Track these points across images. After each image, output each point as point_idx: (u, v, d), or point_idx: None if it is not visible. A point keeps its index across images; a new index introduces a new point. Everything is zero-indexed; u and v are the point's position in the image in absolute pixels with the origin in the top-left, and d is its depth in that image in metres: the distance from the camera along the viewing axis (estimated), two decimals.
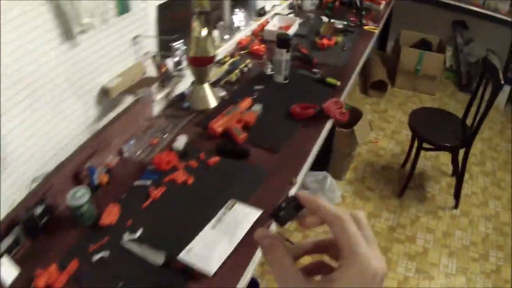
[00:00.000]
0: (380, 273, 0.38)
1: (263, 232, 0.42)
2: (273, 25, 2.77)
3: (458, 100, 4.03)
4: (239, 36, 2.55)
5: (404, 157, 3.14)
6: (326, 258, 0.45)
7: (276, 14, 2.95)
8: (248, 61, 2.33)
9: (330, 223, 0.40)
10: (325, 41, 2.54)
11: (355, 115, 3.07)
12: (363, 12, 2.95)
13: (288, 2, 3.17)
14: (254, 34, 2.68)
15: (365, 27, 2.94)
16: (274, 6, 3.01)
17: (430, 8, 3.97)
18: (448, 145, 2.61)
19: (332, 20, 2.99)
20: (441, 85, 4.20)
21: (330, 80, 2.14)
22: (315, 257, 0.47)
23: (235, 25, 2.53)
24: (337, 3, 3.35)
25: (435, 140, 2.63)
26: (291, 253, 0.42)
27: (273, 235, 0.42)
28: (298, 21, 2.87)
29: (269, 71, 2.22)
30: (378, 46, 4.77)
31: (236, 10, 2.56)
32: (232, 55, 2.38)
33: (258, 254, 1.27)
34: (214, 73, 2.23)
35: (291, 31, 2.70)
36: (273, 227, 0.99)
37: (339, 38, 2.66)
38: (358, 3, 2.97)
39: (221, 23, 2.44)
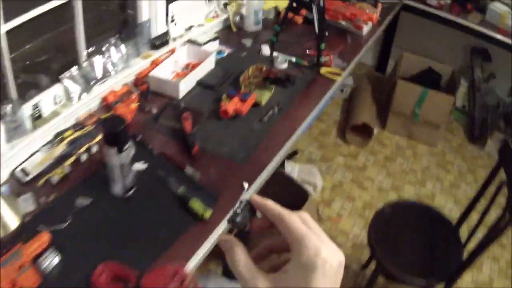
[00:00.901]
0: (332, 260, 0.40)
1: (224, 237, 0.45)
2: (174, 63, 1.82)
3: (465, 157, 3.00)
4: (104, 88, 1.61)
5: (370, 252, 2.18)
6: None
7: (189, 41, 1.98)
8: (98, 139, 1.41)
9: (277, 222, 0.43)
10: (233, 104, 1.57)
11: (299, 196, 2.11)
12: (322, 46, 1.93)
13: (219, 20, 2.18)
14: (138, 81, 1.73)
15: (323, 70, 1.94)
16: (190, 28, 2.02)
17: (445, 29, 2.89)
18: (419, 283, 1.65)
19: (275, 54, 2.00)
20: (447, 131, 3.15)
21: (195, 205, 1.20)
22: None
23: (98, 71, 1.59)
24: (298, 19, 2.34)
25: (399, 272, 1.66)
26: (250, 254, 0.44)
27: (232, 239, 0.44)
28: (215, 55, 1.89)
29: None
30: (376, 66, 3.72)
31: (108, 45, 1.61)
32: (80, 126, 1.47)
33: None
34: (41, 159, 1.34)
35: (194, 76, 1.74)
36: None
37: (266, 95, 1.69)
38: (315, 24, 1.91)
39: (72, 71, 1.51)
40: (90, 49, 1.59)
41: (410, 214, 1.89)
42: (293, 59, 1.97)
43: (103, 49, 1.64)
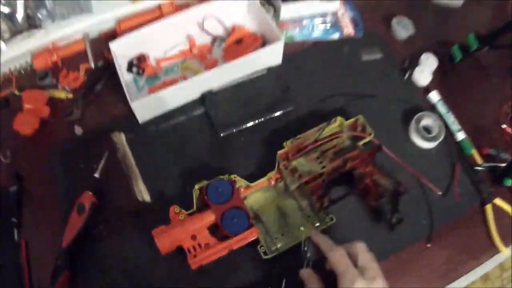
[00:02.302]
0: None
1: (303, 270, 0.57)
2: (205, 18, 0.85)
3: None
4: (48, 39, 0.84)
5: None
6: None
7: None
8: None
9: (326, 256, 0.53)
10: (182, 233, 0.64)
11: None
12: None
13: None
14: (120, 32, 0.86)
15: (495, 203, 0.77)
16: None
17: None
18: None
19: (433, 97, 0.85)
20: None
21: None
22: None
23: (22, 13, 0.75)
24: None
25: None
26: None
27: (309, 272, 0.56)
28: (305, 33, 0.84)
29: None
30: None
31: None
32: None
33: None
34: None
35: (205, 79, 0.79)
36: None
37: (297, 236, 0.68)
38: None
39: None
40: None
41: None
42: (460, 136, 0.81)
43: None
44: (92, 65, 0.84)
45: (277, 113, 0.79)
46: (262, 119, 0.78)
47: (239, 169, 0.72)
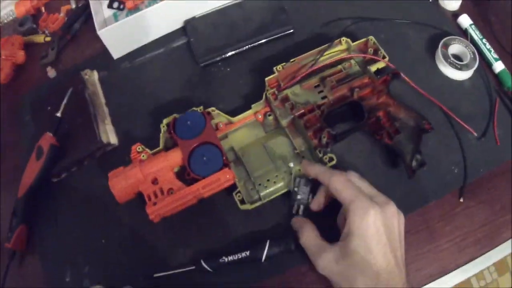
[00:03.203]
0: (387, 221, 0.39)
1: (295, 218, 0.47)
2: None
3: None
4: None
5: None
6: None
7: None
8: None
9: (328, 187, 0.43)
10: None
11: None
12: None
13: None
14: None
15: None
16: None
17: None
18: None
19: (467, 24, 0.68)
20: None
21: None
22: None
23: None
24: None
25: None
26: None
27: (302, 219, 0.47)
28: None
29: None
30: None
31: None
32: None
33: None
34: None
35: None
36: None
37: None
38: None
39: None
40: None
41: None
42: (498, 66, 0.64)
43: None
44: (73, 5, 0.75)
45: (270, 38, 0.64)
46: (252, 45, 0.63)
47: (223, 104, 0.59)
